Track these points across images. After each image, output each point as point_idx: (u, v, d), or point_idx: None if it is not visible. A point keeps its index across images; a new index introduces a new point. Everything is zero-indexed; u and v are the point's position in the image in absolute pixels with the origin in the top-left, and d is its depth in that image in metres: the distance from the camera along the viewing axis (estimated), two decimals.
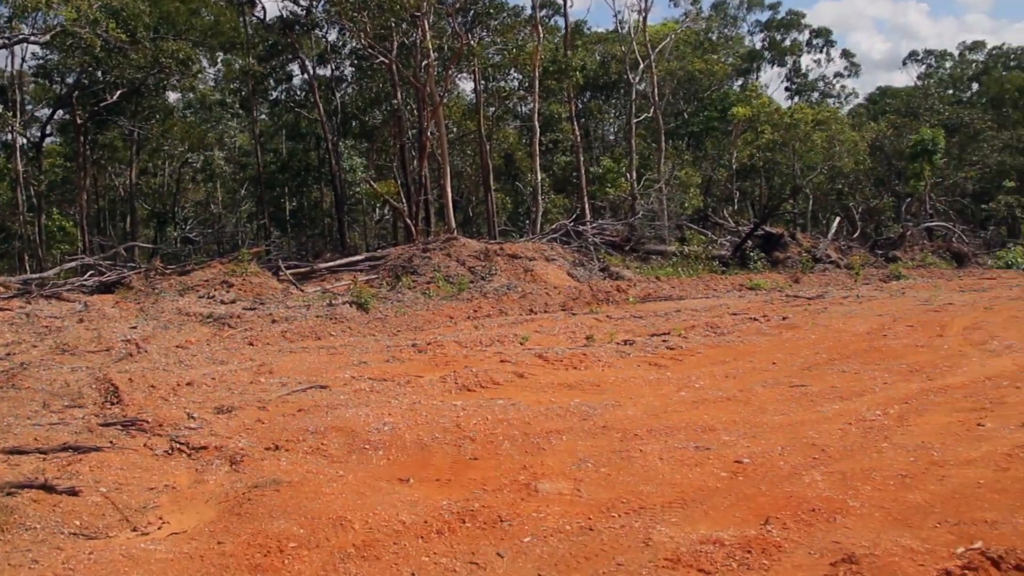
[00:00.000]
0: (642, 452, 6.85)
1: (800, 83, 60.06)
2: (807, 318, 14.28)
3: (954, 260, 30.17)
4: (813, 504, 5.53)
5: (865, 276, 23.50)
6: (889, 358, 10.52)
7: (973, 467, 6.24)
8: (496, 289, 19.68)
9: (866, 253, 29.75)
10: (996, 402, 8.23)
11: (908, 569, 4.50)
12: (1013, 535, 4.97)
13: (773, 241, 28.04)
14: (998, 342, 11.34)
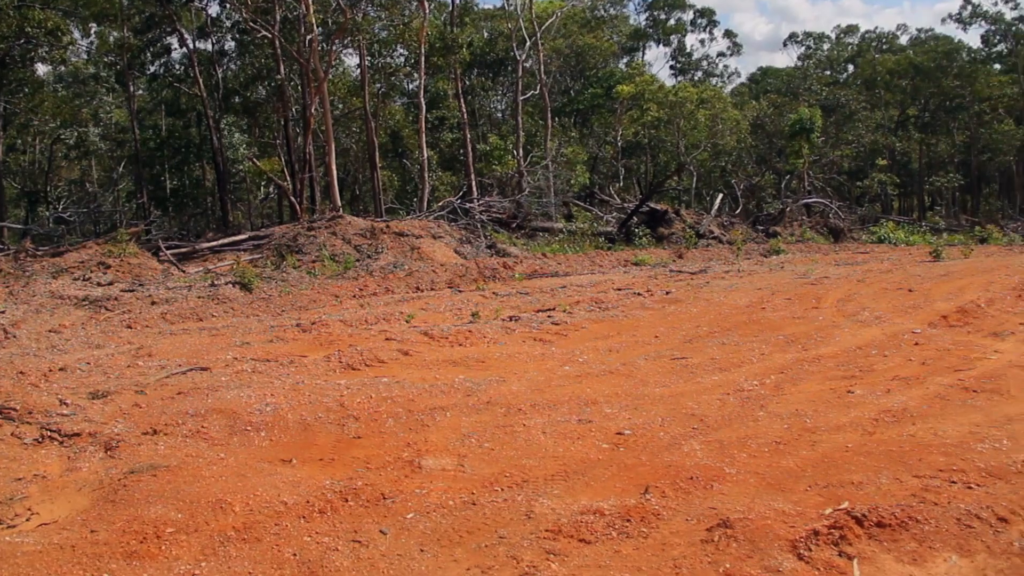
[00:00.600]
0: (525, 426, 6.90)
1: (684, 62, 61.12)
2: (689, 292, 14.60)
3: (831, 235, 31.24)
4: (691, 472, 5.66)
5: (746, 251, 24.15)
6: (767, 330, 10.83)
7: (842, 432, 6.50)
8: (382, 267, 19.55)
9: (748, 229, 30.56)
10: (865, 370, 8.57)
11: (779, 531, 4.64)
12: (877, 494, 5.19)
13: (658, 217, 28.55)
14: (868, 313, 11.79)
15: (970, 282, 14.61)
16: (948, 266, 18.51)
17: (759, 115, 44.55)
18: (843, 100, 48.09)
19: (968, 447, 6.03)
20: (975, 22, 56.19)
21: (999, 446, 6.02)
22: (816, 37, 66.50)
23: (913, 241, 30.00)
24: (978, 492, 5.18)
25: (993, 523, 4.71)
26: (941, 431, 6.42)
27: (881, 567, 4.30)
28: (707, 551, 4.51)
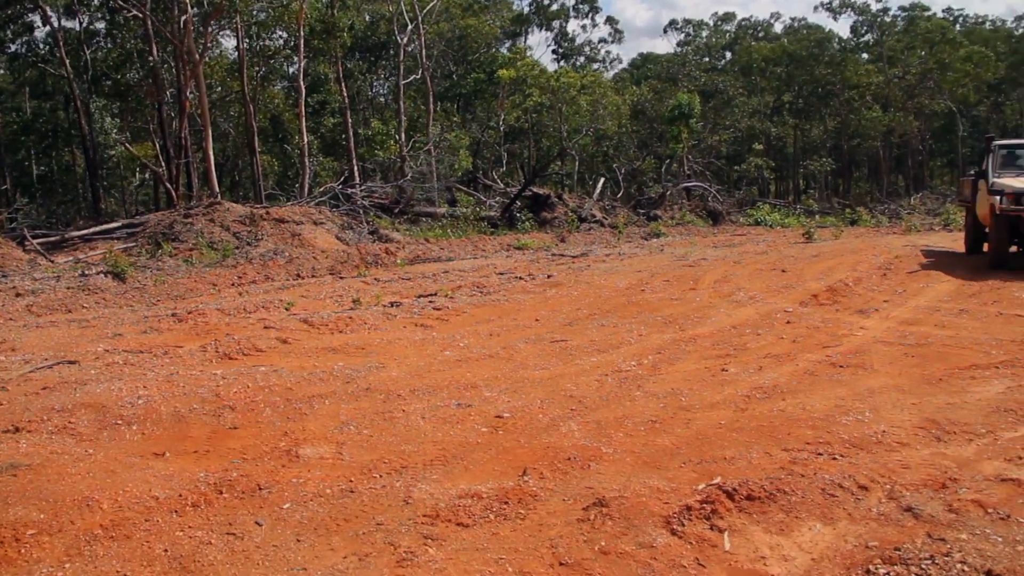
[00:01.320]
0: (405, 412, 6.85)
1: (567, 48, 61.55)
2: (571, 276, 14.75)
3: (710, 218, 32.01)
4: (569, 453, 5.71)
5: (628, 234, 24.55)
6: (646, 311, 11.02)
7: (716, 409, 6.66)
8: (262, 255, 19.16)
9: (629, 212, 31.05)
10: (739, 348, 8.81)
11: (654, 508, 4.72)
12: (748, 468, 5.33)
13: (541, 202, 28.75)
14: (743, 293, 12.13)
15: (839, 262, 15.17)
16: (820, 247, 19.17)
17: (640, 100, 45.24)
18: (721, 86, 49.27)
19: (834, 420, 6.25)
20: (844, 12, 58.33)
21: (862, 418, 6.27)
22: (695, 24, 68.08)
23: (788, 223, 30.97)
24: (842, 463, 5.38)
25: (855, 491, 4.90)
26: (809, 405, 6.64)
27: (750, 538, 4.42)
28: (583, 530, 4.55)
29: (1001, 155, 15.64)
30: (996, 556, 4.06)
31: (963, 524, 4.43)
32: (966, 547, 4.15)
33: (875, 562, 4.08)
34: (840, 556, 4.21)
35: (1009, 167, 15.33)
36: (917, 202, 40.81)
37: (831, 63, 53.02)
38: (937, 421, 6.16)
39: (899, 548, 4.18)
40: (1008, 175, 14.84)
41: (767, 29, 67.82)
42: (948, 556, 4.06)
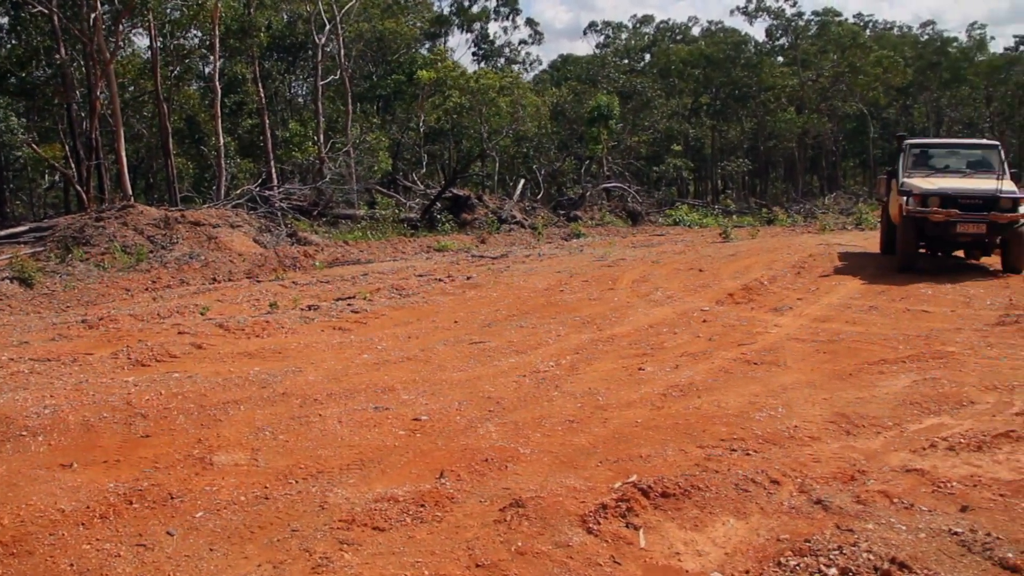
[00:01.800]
0: (321, 417, 6.77)
1: (487, 49, 61.57)
2: (490, 277, 14.75)
3: (629, 218, 32.31)
4: (486, 455, 5.70)
5: (548, 235, 24.65)
6: (564, 312, 11.07)
7: (633, 408, 6.72)
8: (177, 258, 18.75)
9: (549, 213, 31.19)
10: (656, 347, 8.91)
11: (570, 507, 4.74)
12: (663, 466, 5.39)
13: (461, 203, 28.72)
14: (661, 292, 12.27)
15: (755, 261, 15.45)
16: (736, 246, 19.49)
17: (560, 102, 45.50)
18: (640, 88, 49.79)
19: (748, 416, 6.37)
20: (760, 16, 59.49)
21: (775, 414, 6.40)
22: (615, 27, 68.73)
23: (707, 223, 31.43)
24: (755, 458, 5.48)
25: (767, 486, 4.99)
26: (724, 403, 6.75)
27: (665, 535, 4.46)
28: (500, 531, 4.55)
29: (913, 155, 15.52)
30: (900, 544, 4.17)
31: (870, 514, 4.53)
32: (872, 536, 4.25)
33: (786, 554, 4.16)
34: (752, 549, 4.28)
35: (921, 167, 15.20)
36: (831, 202, 41.75)
37: (747, 66, 53.98)
38: (847, 415, 6.32)
39: (809, 540, 4.26)
40: (918, 175, 14.72)
41: (685, 32, 68.78)
42: (855, 546, 4.15)
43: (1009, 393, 6.76)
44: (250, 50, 34.46)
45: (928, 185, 14.03)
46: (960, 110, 58.39)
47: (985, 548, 4.12)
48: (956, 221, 13.44)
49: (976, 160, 15.48)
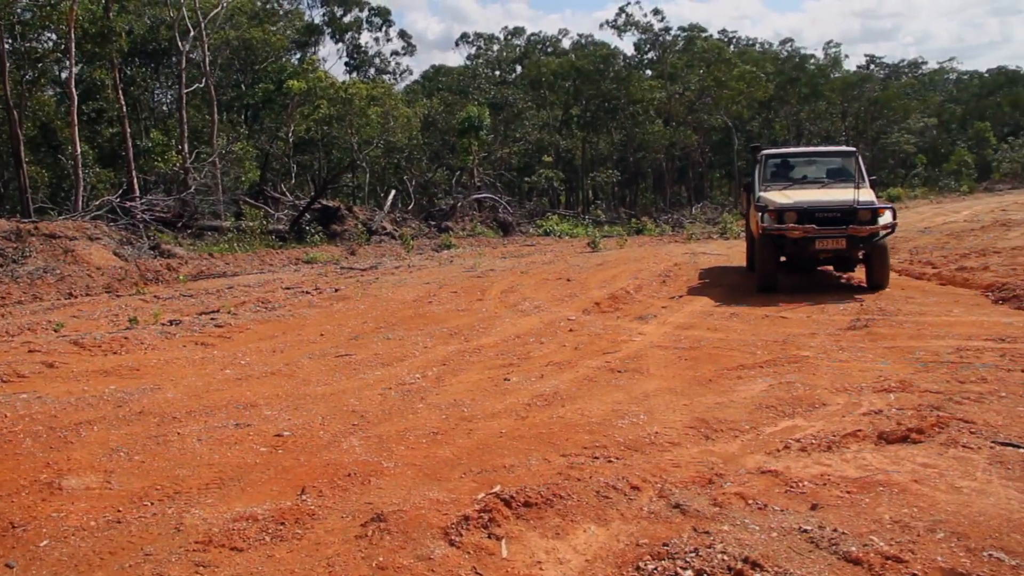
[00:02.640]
0: (180, 435, 6.56)
1: (359, 59, 61.12)
2: (358, 289, 14.62)
3: (500, 229, 32.49)
4: (349, 469, 5.62)
5: (418, 246, 24.57)
6: (432, 323, 11.05)
7: (498, 418, 6.74)
8: (30, 273, 17.93)
9: (420, 224, 31.12)
10: (522, 357, 8.97)
11: (433, 520, 4.71)
12: (527, 475, 5.41)
13: (331, 214, 28.38)
14: (529, 303, 12.37)
15: (622, 270, 15.74)
16: (605, 256, 19.82)
17: (431, 112, 45.49)
18: (511, 99, 50.23)
19: (610, 424, 6.46)
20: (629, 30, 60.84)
21: (637, 420, 6.51)
22: (486, 38, 69.21)
23: (577, 233, 31.87)
24: (617, 465, 5.55)
25: (627, 492, 5.06)
26: (588, 411, 6.83)
27: (527, 544, 4.47)
28: (361, 546, 4.49)
29: (771, 166, 14.74)
30: (753, 544, 4.28)
31: (725, 516, 4.65)
32: (727, 538, 4.35)
33: (645, 558, 4.22)
34: (612, 555, 4.33)
35: (779, 180, 14.38)
36: (698, 211, 42.96)
37: (617, 79, 55.03)
38: (706, 420, 6.47)
39: (667, 543, 4.34)
40: (776, 188, 13.94)
41: (555, 45, 69.78)
42: (711, 548, 4.24)
43: (857, 394, 7.04)
44: (110, 55, 33.22)
45: (784, 199, 13.24)
46: (818, 123, 60.96)
47: (831, 543, 4.27)
48: (814, 237, 12.71)
49: (835, 168, 14.73)
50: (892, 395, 6.95)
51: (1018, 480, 5.04)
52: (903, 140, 58.86)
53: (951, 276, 13.63)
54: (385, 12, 61.29)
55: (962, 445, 5.64)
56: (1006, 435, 5.81)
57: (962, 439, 5.74)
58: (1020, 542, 4.25)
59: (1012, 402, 6.55)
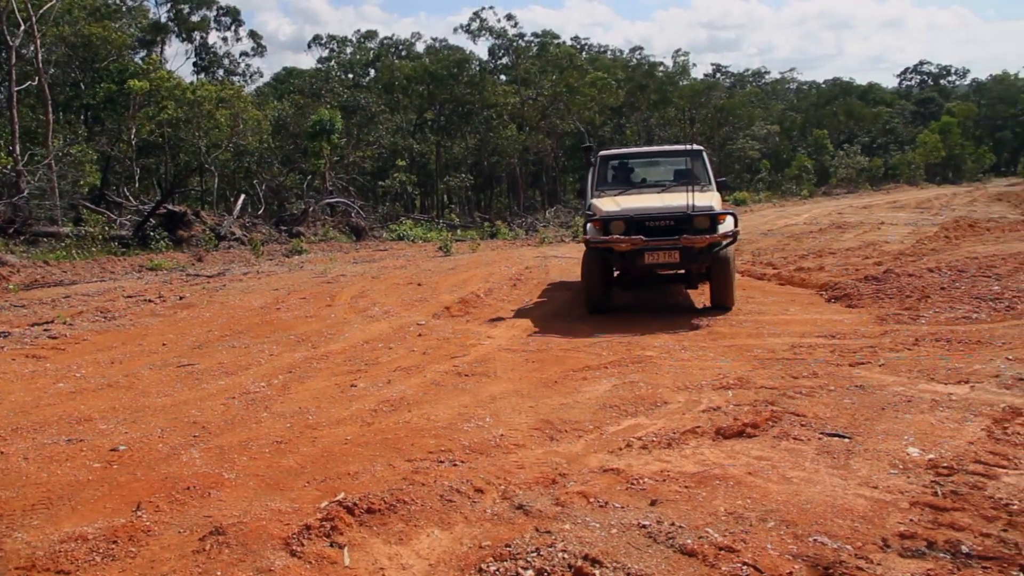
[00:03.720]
0: (4, 454, 6.21)
1: (207, 60, 59.44)
2: (204, 296, 14.21)
3: (353, 234, 32.15)
4: (188, 482, 5.45)
5: (268, 252, 24.08)
6: (279, 330, 10.84)
7: (343, 425, 6.66)
8: None
9: (271, 229, 30.49)
10: (370, 363, 8.90)
11: (274, 531, 4.62)
12: (371, 482, 5.36)
13: (177, 220, 27.50)
14: (379, 308, 12.29)
15: (474, 274, 15.81)
16: (457, 260, 19.88)
17: (282, 115, 44.64)
18: (364, 102, 49.77)
19: (456, 428, 6.47)
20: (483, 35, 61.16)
21: (483, 424, 6.54)
22: (339, 41, 68.44)
23: (431, 238, 31.86)
24: (462, 468, 5.56)
25: (471, 495, 5.08)
26: (434, 415, 6.82)
27: (370, 551, 4.43)
28: (198, 561, 4.35)
29: (608, 169, 13.28)
30: (593, 541, 4.36)
31: (567, 515, 4.72)
32: (568, 536, 4.42)
33: (487, 560, 4.24)
34: (455, 558, 4.33)
35: (617, 184, 12.94)
36: (551, 215, 43.52)
37: (471, 83, 55.27)
38: (551, 421, 6.56)
39: (509, 544, 4.37)
40: (611, 194, 12.39)
41: (409, 48, 69.60)
42: (552, 547, 4.30)
43: (698, 392, 7.27)
44: None
45: (613, 206, 11.61)
46: (668, 129, 62.84)
47: (668, 537, 4.39)
48: (643, 249, 10.98)
49: (683, 170, 13.03)
50: (730, 392, 7.21)
51: (842, 468, 5.30)
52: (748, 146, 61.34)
53: (790, 276, 14.22)
54: (235, 12, 59.80)
55: (793, 437, 5.90)
56: (833, 426, 6.11)
57: (793, 432, 6.00)
58: (842, 526, 4.47)
59: (839, 395, 6.89)
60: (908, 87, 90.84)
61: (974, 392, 6.80)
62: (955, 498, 4.80)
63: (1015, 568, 4.00)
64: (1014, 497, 4.77)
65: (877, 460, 5.41)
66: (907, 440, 5.73)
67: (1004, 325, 9.35)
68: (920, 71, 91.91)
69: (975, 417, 6.17)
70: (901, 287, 12.02)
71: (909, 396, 6.75)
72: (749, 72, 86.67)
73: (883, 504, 4.75)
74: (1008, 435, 5.77)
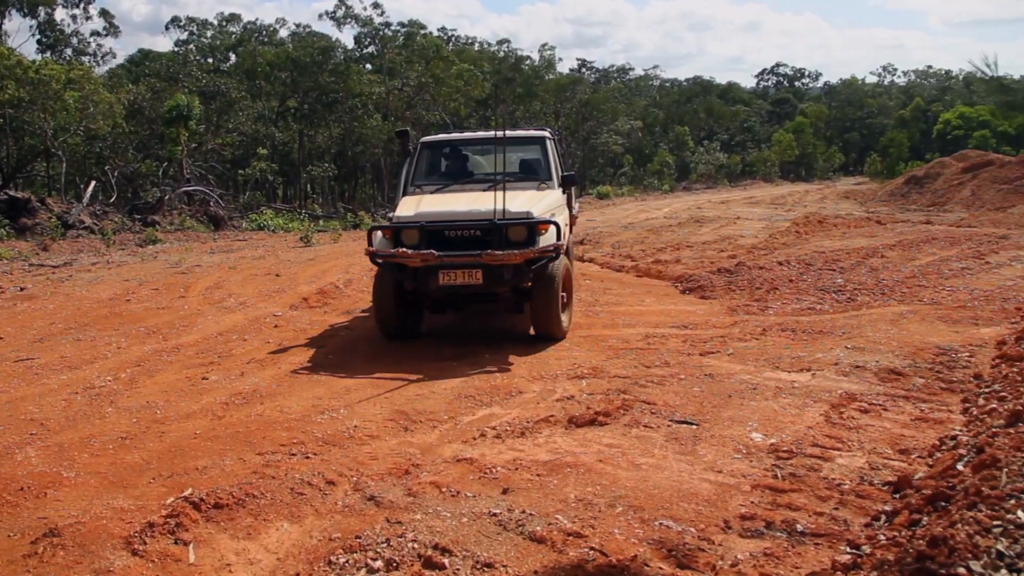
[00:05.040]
0: None
1: (53, 38, 56.67)
2: (48, 287, 13.58)
3: (212, 223, 31.25)
4: (22, 483, 5.21)
5: (121, 241, 23.14)
6: (129, 322, 10.45)
7: (193, 419, 6.49)
8: None
9: (124, 218, 29.33)
10: (224, 355, 8.69)
11: (115, 530, 4.46)
12: (220, 476, 5.25)
13: (20, 207, 26.12)
14: (234, 299, 12.00)
15: (334, 265, 15.61)
16: (317, 251, 19.57)
17: (137, 99, 42.98)
18: (224, 88, 48.43)
19: (310, 420, 6.39)
20: (348, 23, 60.34)
21: (336, 415, 6.48)
22: (199, 23, 66.27)
23: (292, 228, 31.26)
24: (314, 460, 5.50)
25: (323, 487, 5.03)
26: (287, 408, 6.72)
27: (216, 547, 4.34)
28: (30, 566, 4.17)
29: (433, 158, 10.92)
30: (444, 530, 4.38)
31: (419, 506, 4.72)
32: (419, 526, 4.43)
33: (337, 552, 4.20)
34: (305, 552, 4.28)
35: (443, 178, 10.56)
36: None
37: (335, 72, 54.44)
38: (406, 412, 6.55)
39: (359, 536, 4.35)
40: (427, 191, 10.09)
41: (272, 34, 68.00)
42: (402, 537, 4.30)
43: (552, 382, 7.38)
44: None
45: (408, 209, 9.18)
46: (533, 122, 63.34)
47: (519, 524, 4.45)
48: (436, 267, 8.55)
49: (530, 160, 10.63)
50: (584, 381, 7.34)
51: (689, 454, 5.47)
52: (612, 141, 62.39)
53: (647, 268, 14.56)
54: None
55: (644, 425, 6.05)
56: (682, 414, 6.30)
57: (644, 419, 6.17)
58: (687, 510, 4.62)
59: (689, 383, 7.11)
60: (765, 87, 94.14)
61: (815, 379, 7.12)
62: (793, 480, 5.02)
63: (843, 543, 4.20)
64: (846, 477, 5.02)
65: (722, 445, 5.61)
66: (751, 426, 5.96)
67: (845, 316, 9.82)
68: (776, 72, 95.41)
69: (814, 403, 6.46)
70: (752, 279, 12.48)
71: (755, 384, 7.01)
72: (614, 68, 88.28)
73: (726, 488, 4.92)
74: (843, 419, 6.07)
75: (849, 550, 4.11)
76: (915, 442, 5.57)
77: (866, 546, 4.05)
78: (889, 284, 11.63)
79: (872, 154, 64.76)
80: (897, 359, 7.67)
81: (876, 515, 4.48)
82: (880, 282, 11.83)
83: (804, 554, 4.12)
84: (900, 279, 12.01)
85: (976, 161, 30.92)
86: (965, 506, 3.67)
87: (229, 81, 50.47)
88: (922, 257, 14.16)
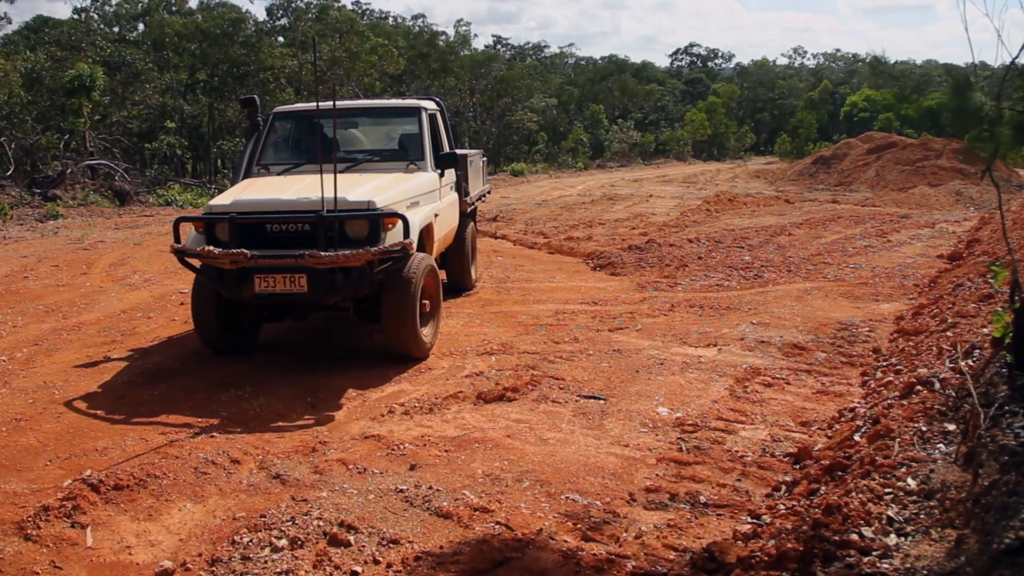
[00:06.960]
0: None
1: None
2: None
3: (117, 199, 30.39)
4: None
5: (19, 216, 22.31)
6: (26, 300, 10.09)
7: (92, 399, 6.32)
8: None
9: (22, 192, 28.33)
10: (127, 333, 8.48)
11: (7, 515, 4.35)
12: (122, 457, 5.14)
13: None
14: (139, 276, 11.70)
15: None
16: None
17: (36, 68, 41.49)
18: (130, 59, 47.03)
19: (215, 398, 6.34)
20: None
21: (243, 394, 6.46)
22: None
23: (201, 203, 30.55)
24: (219, 439, 5.45)
25: (227, 466, 4.96)
26: (192, 386, 6.67)
27: (116, 529, 4.25)
28: None
29: (284, 132, 9.22)
30: (349, 508, 4.36)
31: (325, 483, 4.69)
32: (325, 503, 4.41)
33: (241, 531, 4.16)
34: (208, 532, 4.23)
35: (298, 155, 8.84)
36: None
37: (247, 44, 53.28)
38: (315, 389, 6.51)
39: (264, 515, 4.31)
40: (275, 171, 8.60)
41: (181, 4, 66.24)
42: (307, 515, 4.27)
43: (462, 358, 7.38)
44: None
45: (228, 197, 7.57)
46: (448, 98, 62.90)
47: (425, 500, 4.46)
48: (250, 270, 6.73)
49: (409, 135, 8.96)
50: (494, 357, 7.37)
51: (596, 429, 5.54)
52: (527, 118, 62.42)
53: (559, 245, 14.62)
54: None
55: (552, 400, 6.11)
56: (590, 389, 6.37)
57: (552, 395, 6.22)
58: (593, 483, 4.69)
59: (597, 359, 7.19)
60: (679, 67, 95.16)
61: (721, 354, 7.27)
62: (697, 453, 5.13)
63: (745, 513, 4.31)
64: (748, 449, 5.14)
65: (629, 420, 5.69)
66: (658, 400, 6.06)
67: (751, 292, 10.03)
68: (690, 53, 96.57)
69: (720, 377, 6.60)
70: (662, 256, 12.64)
71: (662, 359, 7.13)
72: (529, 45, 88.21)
73: (632, 461, 5.00)
74: (747, 393, 6.21)
75: (750, 520, 4.21)
76: (816, 415, 5.73)
77: (766, 516, 4.16)
78: (795, 261, 11.90)
79: (782, 134, 65.94)
80: (801, 334, 7.87)
81: (777, 486, 4.60)
82: (787, 259, 12.10)
83: (706, 524, 4.22)
84: (806, 257, 12.31)
85: (880, 143, 31.83)
86: (860, 475, 3.80)
87: (135, 52, 48.98)
88: (827, 235, 14.53)
